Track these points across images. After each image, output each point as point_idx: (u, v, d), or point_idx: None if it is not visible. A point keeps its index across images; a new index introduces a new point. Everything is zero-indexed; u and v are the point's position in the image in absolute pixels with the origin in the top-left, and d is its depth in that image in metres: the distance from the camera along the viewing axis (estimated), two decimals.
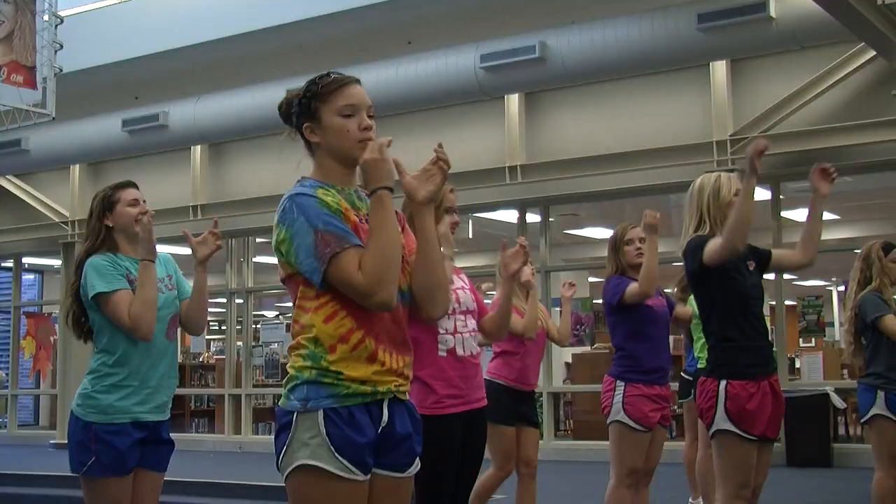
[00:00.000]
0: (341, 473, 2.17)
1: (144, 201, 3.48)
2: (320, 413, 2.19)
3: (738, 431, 3.48)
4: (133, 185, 3.53)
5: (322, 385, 2.21)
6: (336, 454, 2.17)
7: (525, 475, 5.02)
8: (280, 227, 2.24)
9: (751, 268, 3.64)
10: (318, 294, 2.22)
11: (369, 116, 2.35)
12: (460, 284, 3.55)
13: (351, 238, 2.19)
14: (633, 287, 4.31)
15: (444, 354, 3.37)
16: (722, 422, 3.50)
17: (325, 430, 2.18)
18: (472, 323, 3.51)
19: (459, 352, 3.41)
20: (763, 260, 3.73)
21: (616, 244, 4.53)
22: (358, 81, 2.38)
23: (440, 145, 2.37)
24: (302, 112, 2.34)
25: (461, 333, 3.41)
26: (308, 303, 2.24)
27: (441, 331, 3.36)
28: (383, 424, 2.25)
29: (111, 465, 3.22)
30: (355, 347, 2.22)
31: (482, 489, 4.84)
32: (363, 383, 2.22)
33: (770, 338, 3.72)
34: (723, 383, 3.52)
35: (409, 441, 2.32)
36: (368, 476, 2.23)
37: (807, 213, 3.73)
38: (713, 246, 3.49)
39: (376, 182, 2.21)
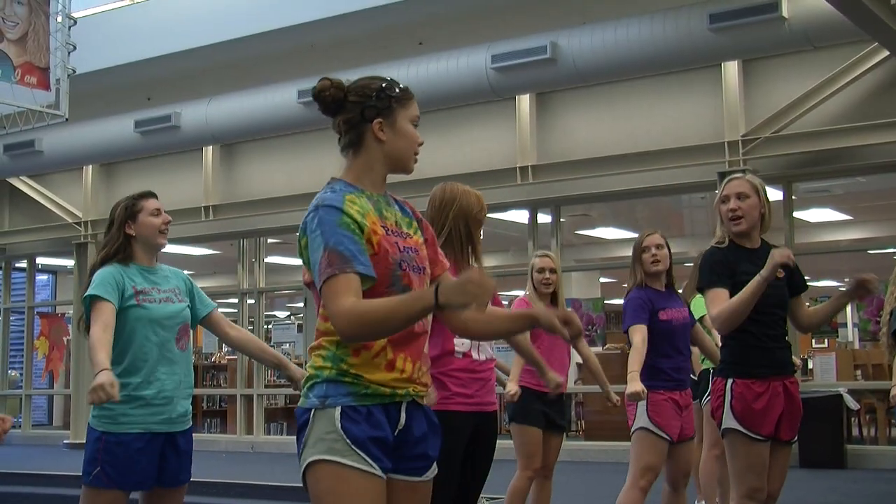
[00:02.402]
0: (358, 465, 2.18)
1: (165, 211, 3.51)
2: (338, 409, 2.21)
3: (743, 430, 3.47)
4: (154, 195, 3.54)
5: (342, 383, 2.23)
6: (353, 447, 2.18)
7: (541, 476, 5.04)
8: (303, 235, 2.27)
9: (780, 276, 3.53)
10: None
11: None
12: None
13: (355, 263, 2.18)
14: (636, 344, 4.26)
15: (460, 356, 3.39)
16: (729, 420, 3.50)
17: (340, 425, 2.19)
18: None
19: (475, 355, 3.42)
20: (795, 286, 3.67)
21: (635, 252, 4.52)
22: None
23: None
24: (381, 107, 2.32)
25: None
26: None
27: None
28: (400, 427, 2.27)
29: (115, 478, 3.21)
30: (377, 355, 2.24)
31: (513, 495, 4.86)
32: (382, 385, 2.24)
33: (788, 342, 3.68)
34: (729, 381, 3.52)
35: (424, 444, 2.33)
36: (385, 476, 2.24)
37: (833, 302, 3.76)
38: (708, 307, 3.55)
39: (447, 296, 2.10)
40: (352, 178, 2.35)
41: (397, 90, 2.36)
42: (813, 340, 11.98)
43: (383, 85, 2.35)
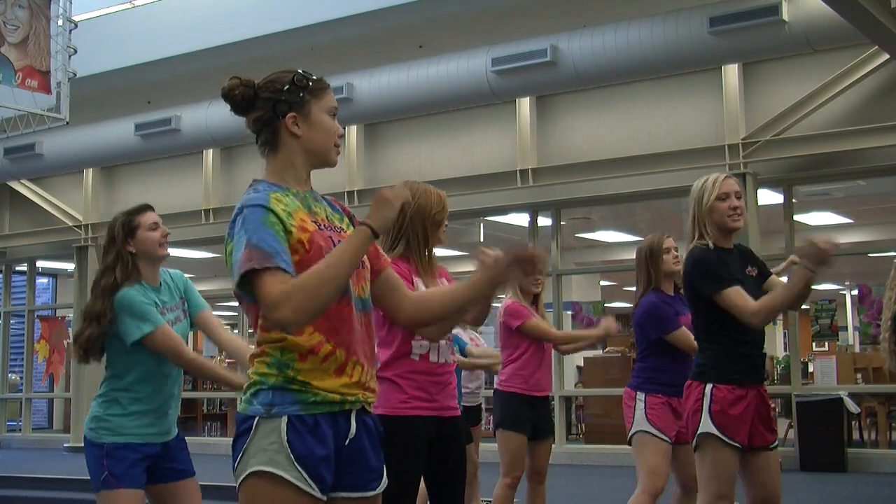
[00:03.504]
0: (298, 483, 2.08)
1: (163, 224, 3.48)
2: (283, 420, 2.10)
3: (721, 436, 3.44)
4: (150, 208, 3.48)
5: (288, 391, 2.12)
6: (295, 463, 2.08)
7: (535, 481, 5.01)
8: (228, 241, 2.15)
9: (752, 273, 3.59)
10: None
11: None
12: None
13: (277, 259, 2.05)
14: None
15: (417, 359, 3.19)
16: (706, 425, 3.46)
17: (286, 437, 2.08)
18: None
19: (433, 358, 3.21)
20: (764, 274, 3.69)
21: (652, 254, 4.45)
22: None
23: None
24: (291, 101, 2.25)
25: (438, 341, 3.21)
26: None
27: (417, 336, 3.15)
28: (351, 436, 2.18)
29: (123, 476, 3.24)
30: (325, 359, 2.14)
31: (497, 503, 4.82)
32: (331, 392, 2.14)
33: (764, 349, 3.67)
34: (709, 386, 3.48)
35: (373, 455, 2.23)
36: (324, 497, 2.13)
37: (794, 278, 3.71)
38: (736, 305, 3.42)
39: (373, 220, 2.12)
40: (274, 178, 2.26)
41: (309, 82, 2.27)
42: (813, 344, 11.97)
43: (293, 78, 2.27)
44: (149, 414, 3.31)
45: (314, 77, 2.31)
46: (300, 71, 2.30)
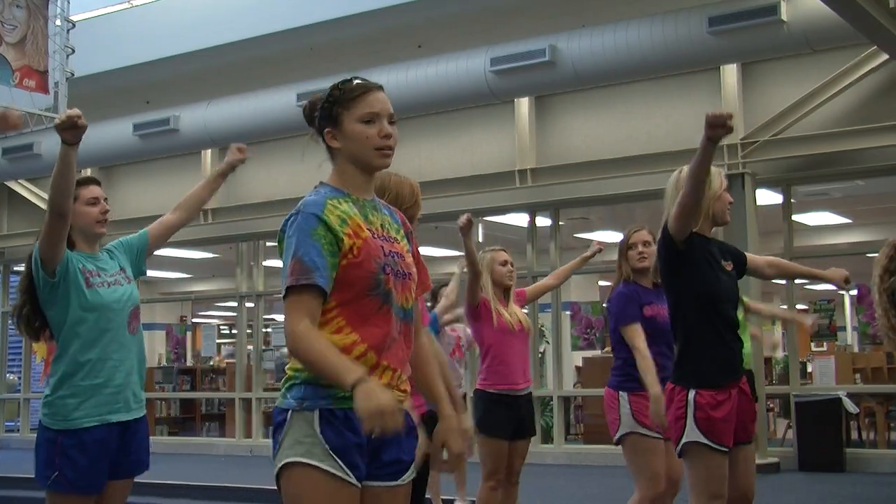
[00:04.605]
0: (334, 471, 2.17)
1: (106, 199, 3.38)
2: (316, 413, 2.20)
3: (708, 443, 3.40)
4: (95, 181, 3.42)
5: (319, 386, 2.21)
6: (331, 452, 2.17)
7: (508, 482, 4.89)
8: (281, 236, 2.29)
9: (728, 268, 3.58)
10: (325, 310, 2.23)
11: (391, 123, 2.35)
12: None
13: (316, 276, 2.19)
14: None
15: None
16: (692, 433, 3.42)
17: (320, 430, 2.18)
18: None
19: None
20: (740, 263, 3.70)
21: (622, 249, 4.47)
22: (380, 88, 2.37)
23: None
24: (324, 117, 2.35)
25: None
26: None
27: None
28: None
29: (75, 481, 3.12)
30: (357, 359, 2.22)
31: None
32: None
33: (739, 342, 3.61)
34: (692, 393, 3.43)
35: (399, 447, 2.30)
36: (360, 485, 2.22)
37: (808, 271, 3.97)
38: (672, 212, 3.48)
39: (361, 410, 2.04)
40: (336, 183, 2.36)
41: (342, 92, 2.34)
42: (812, 344, 11.97)
43: (330, 92, 2.36)
44: (101, 389, 3.14)
45: (349, 86, 2.35)
46: (339, 83, 2.37)
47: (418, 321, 2.46)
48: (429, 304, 5.86)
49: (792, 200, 9.32)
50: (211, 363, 14.80)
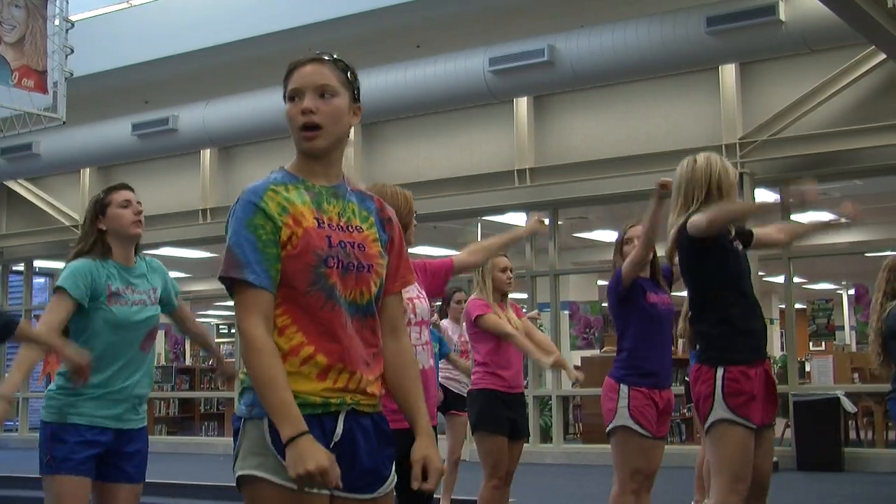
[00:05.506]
0: (289, 485, 2.00)
1: (139, 202, 3.41)
2: (265, 421, 2.02)
3: (738, 420, 3.40)
4: (126, 186, 3.44)
5: None
6: (283, 463, 1.98)
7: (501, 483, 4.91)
8: (226, 222, 2.12)
9: (738, 248, 3.62)
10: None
11: (321, 95, 2.11)
12: (416, 293, 3.34)
13: (247, 272, 2.01)
14: (625, 263, 4.22)
15: None
16: (721, 411, 3.42)
17: (270, 440, 2.02)
18: (426, 335, 3.34)
19: None
20: (747, 238, 3.73)
21: (619, 244, 4.52)
22: (316, 59, 2.15)
23: None
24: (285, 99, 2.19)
25: (414, 346, 3.05)
26: None
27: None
28: (336, 439, 2.05)
29: (64, 461, 3.15)
30: (305, 362, 2.04)
31: None
32: (311, 395, 2.03)
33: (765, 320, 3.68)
34: (720, 370, 3.44)
35: (373, 458, 2.11)
36: (321, 493, 2.02)
37: (810, 222, 4.18)
38: (699, 218, 3.47)
39: (292, 469, 1.95)
40: (292, 168, 2.17)
41: (285, 74, 2.16)
42: (810, 343, 11.98)
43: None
44: (101, 397, 3.21)
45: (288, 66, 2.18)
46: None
47: (394, 319, 2.23)
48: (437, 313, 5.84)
49: (790, 200, 9.32)
50: (210, 363, 14.79)
